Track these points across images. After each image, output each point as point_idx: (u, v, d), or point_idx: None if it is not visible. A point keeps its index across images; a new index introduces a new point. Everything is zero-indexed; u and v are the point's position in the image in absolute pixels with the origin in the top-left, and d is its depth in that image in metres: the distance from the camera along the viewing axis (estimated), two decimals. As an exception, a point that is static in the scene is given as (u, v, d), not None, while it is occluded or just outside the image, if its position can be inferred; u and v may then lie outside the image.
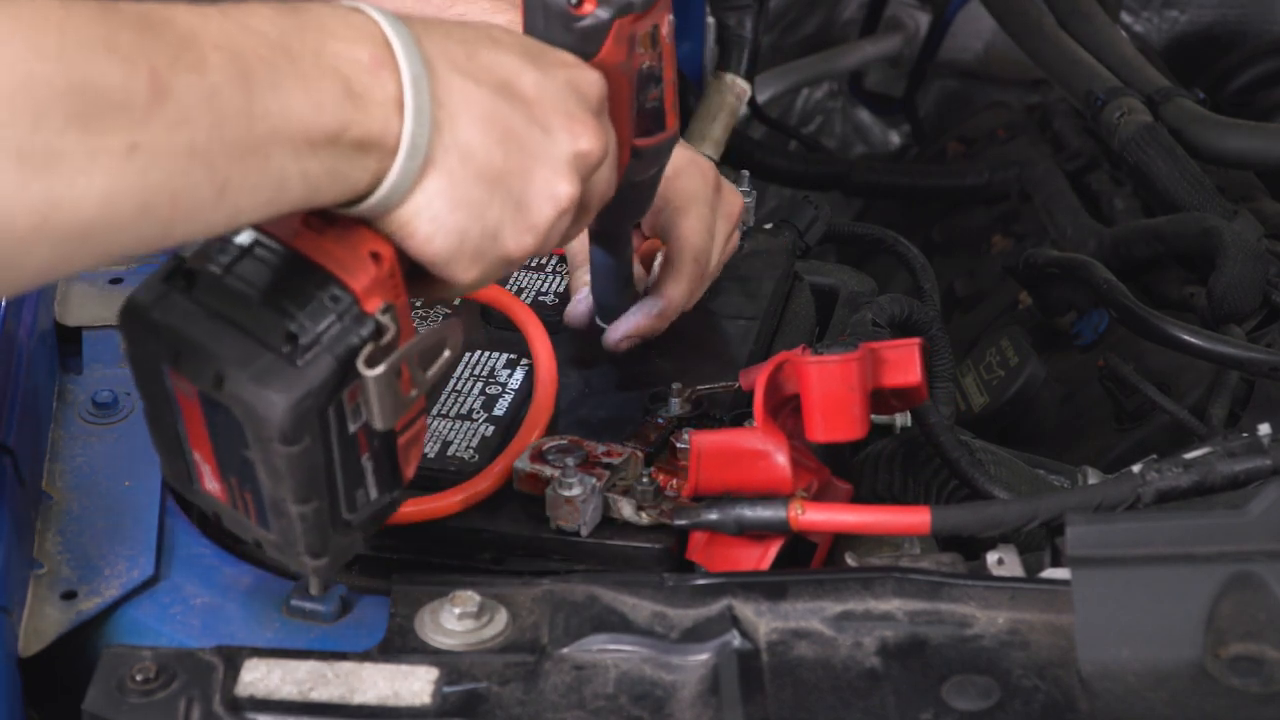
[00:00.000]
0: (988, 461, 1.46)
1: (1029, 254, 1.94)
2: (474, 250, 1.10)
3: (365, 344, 1.06)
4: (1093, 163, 2.21)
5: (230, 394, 1.03)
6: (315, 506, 1.08)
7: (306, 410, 1.04)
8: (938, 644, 1.15)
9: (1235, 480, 1.23)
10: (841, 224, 1.76)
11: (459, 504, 1.29)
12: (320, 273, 1.06)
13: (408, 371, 1.08)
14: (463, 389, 1.42)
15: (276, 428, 1.03)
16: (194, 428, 1.08)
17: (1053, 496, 1.24)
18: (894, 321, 1.50)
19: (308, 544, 1.10)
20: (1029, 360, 1.94)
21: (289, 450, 1.04)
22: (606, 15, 1.19)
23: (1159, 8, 2.68)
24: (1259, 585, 1.11)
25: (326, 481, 1.08)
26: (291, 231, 1.06)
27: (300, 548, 1.10)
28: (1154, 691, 1.09)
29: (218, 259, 1.06)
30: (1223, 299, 1.75)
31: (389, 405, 1.07)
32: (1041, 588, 1.18)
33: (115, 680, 1.11)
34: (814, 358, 1.27)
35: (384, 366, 1.06)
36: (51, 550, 1.23)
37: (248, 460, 1.07)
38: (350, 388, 1.06)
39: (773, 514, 1.25)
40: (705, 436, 1.28)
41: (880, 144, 2.91)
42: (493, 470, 1.31)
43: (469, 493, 1.30)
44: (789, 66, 2.77)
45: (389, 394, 1.07)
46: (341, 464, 1.08)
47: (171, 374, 1.06)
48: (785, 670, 1.14)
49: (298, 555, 1.11)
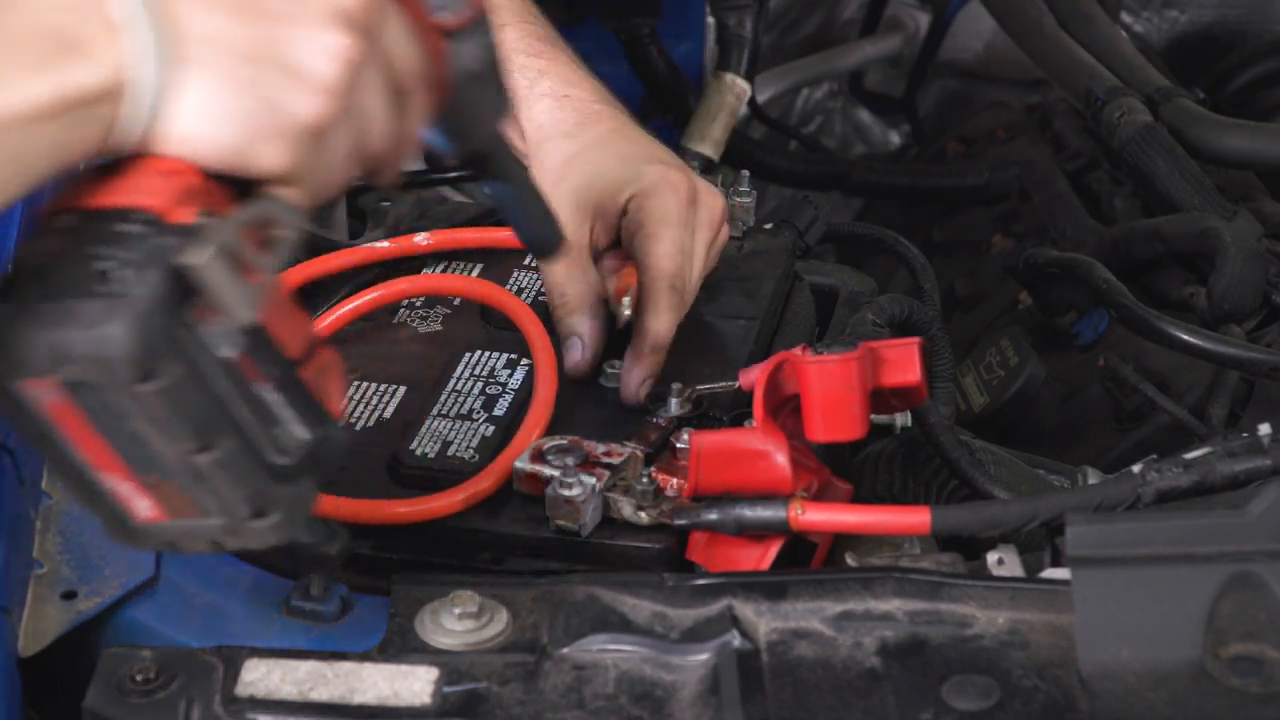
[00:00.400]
0: (988, 461, 1.46)
1: (1029, 254, 1.94)
2: (265, 129, 1.02)
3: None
4: (1093, 163, 2.21)
5: (74, 359, 0.96)
6: (224, 450, 1.00)
7: (149, 331, 0.96)
8: (938, 644, 1.15)
9: (1235, 480, 1.23)
10: (841, 224, 1.76)
11: (460, 503, 1.29)
12: (116, 212, 0.99)
13: (246, 259, 1.00)
14: (462, 389, 1.42)
15: (126, 362, 0.96)
16: (80, 436, 1.00)
17: (1053, 496, 1.24)
18: (894, 321, 1.50)
19: (243, 499, 1.02)
20: (1029, 360, 1.94)
21: (154, 386, 0.97)
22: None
23: (1159, 8, 2.68)
24: (1259, 585, 1.11)
25: (223, 419, 1.00)
26: (77, 194, 1.01)
27: (239, 510, 1.02)
28: (1154, 691, 1.09)
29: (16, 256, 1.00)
30: (1222, 299, 1.75)
31: (237, 294, 0.99)
32: (1041, 588, 1.18)
33: (115, 680, 1.10)
34: (813, 357, 1.27)
35: (208, 251, 0.97)
36: (51, 550, 1.23)
37: (137, 435, 1.00)
38: (195, 305, 0.99)
39: (773, 514, 1.25)
40: (705, 437, 1.28)
41: (880, 144, 2.91)
42: (494, 469, 1.31)
43: (470, 492, 1.29)
44: (789, 66, 2.77)
45: (230, 282, 0.99)
46: (233, 396, 1.01)
47: (22, 386, 0.99)
48: (785, 670, 1.14)
49: (242, 522, 1.03)
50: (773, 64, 2.74)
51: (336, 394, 1.08)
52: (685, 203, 1.44)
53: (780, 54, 2.79)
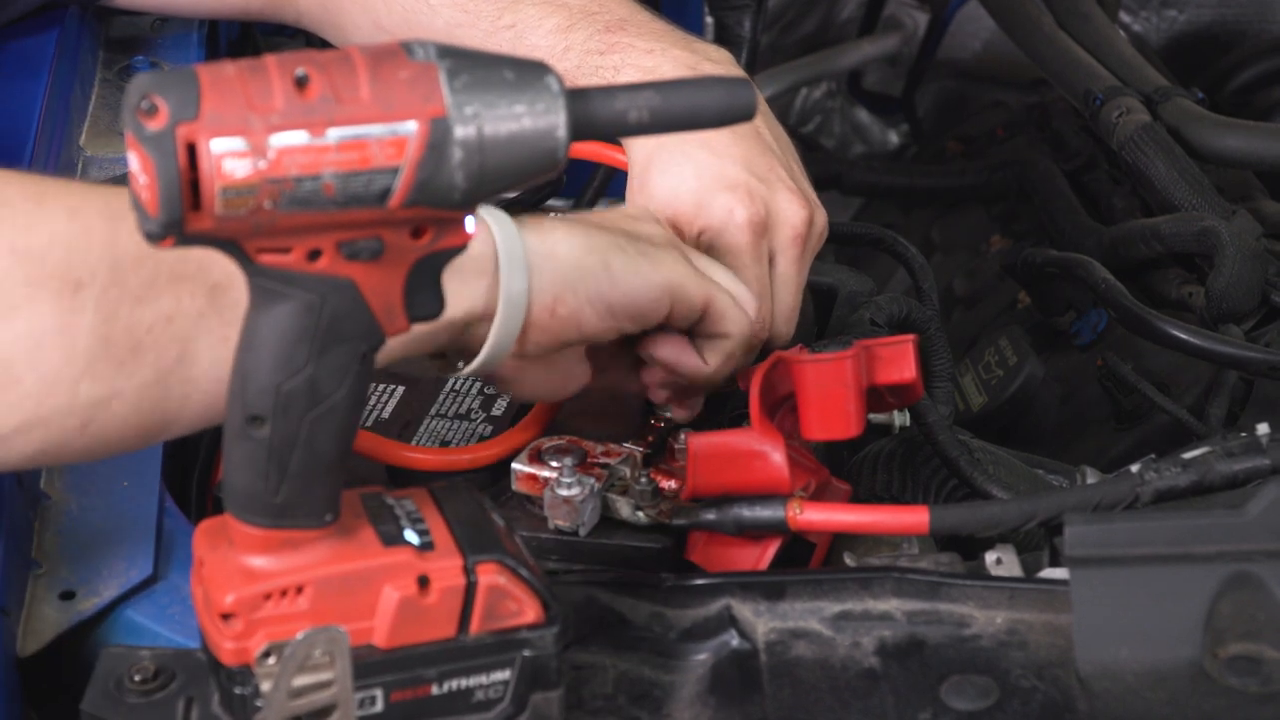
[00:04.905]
0: (986, 461, 1.46)
1: (1027, 253, 1.94)
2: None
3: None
4: (1091, 162, 2.21)
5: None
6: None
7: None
8: (936, 644, 1.15)
9: (1234, 480, 1.23)
10: (840, 224, 1.76)
11: (466, 463, 1.33)
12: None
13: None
14: (461, 389, 1.42)
15: None
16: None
17: (1051, 496, 1.24)
18: (892, 321, 1.50)
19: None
20: (1028, 360, 1.94)
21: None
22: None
23: (1157, 7, 2.68)
24: (1257, 585, 1.11)
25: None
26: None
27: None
28: (1152, 691, 1.09)
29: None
30: (1221, 298, 1.75)
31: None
32: (1040, 587, 1.18)
33: (113, 680, 1.11)
34: (808, 356, 1.27)
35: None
36: (50, 550, 1.23)
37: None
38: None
39: (771, 514, 1.25)
40: (701, 438, 1.28)
41: (879, 143, 2.91)
42: (506, 438, 1.34)
43: (477, 454, 1.34)
44: (787, 66, 2.76)
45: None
46: None
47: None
48: (783, 670, 1.14)
49: None
50: (771, 63, 2.74)
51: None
52: (757, 235, 1.38)
53: (779, 53, 2.79)
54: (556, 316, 1.22)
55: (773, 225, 1.39)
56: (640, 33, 1.48)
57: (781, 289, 1.40)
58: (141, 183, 0.93)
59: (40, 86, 1.60)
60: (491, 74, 0.96)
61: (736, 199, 1.37)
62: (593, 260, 1.24)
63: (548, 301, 1.21)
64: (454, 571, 1.05)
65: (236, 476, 1.03)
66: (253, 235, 0.96)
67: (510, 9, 1.51)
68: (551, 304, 1.22)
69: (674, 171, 1.40)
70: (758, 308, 1.33)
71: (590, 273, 1.23)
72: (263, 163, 0.93)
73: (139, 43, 1.80)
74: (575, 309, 1.23)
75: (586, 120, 0.98)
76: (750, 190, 1.38)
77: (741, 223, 1.37)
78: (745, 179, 1.38)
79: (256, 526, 1.03)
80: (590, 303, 1.23)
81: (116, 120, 1.67)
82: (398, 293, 1.00)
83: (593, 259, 1.24)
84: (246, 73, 0.94)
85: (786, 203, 1.39)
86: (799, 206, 1.40)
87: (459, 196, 0.96)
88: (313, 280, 0.98)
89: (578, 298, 1.23)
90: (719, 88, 1.02)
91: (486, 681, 1.06)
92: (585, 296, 1.23)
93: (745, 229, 1.37)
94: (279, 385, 1.00)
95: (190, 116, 0.92)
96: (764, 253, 1.38)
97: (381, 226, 0.97)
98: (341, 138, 0.94)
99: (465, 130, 0.95)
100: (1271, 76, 2.45)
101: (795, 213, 1.39)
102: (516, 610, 1.06)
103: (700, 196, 1.38)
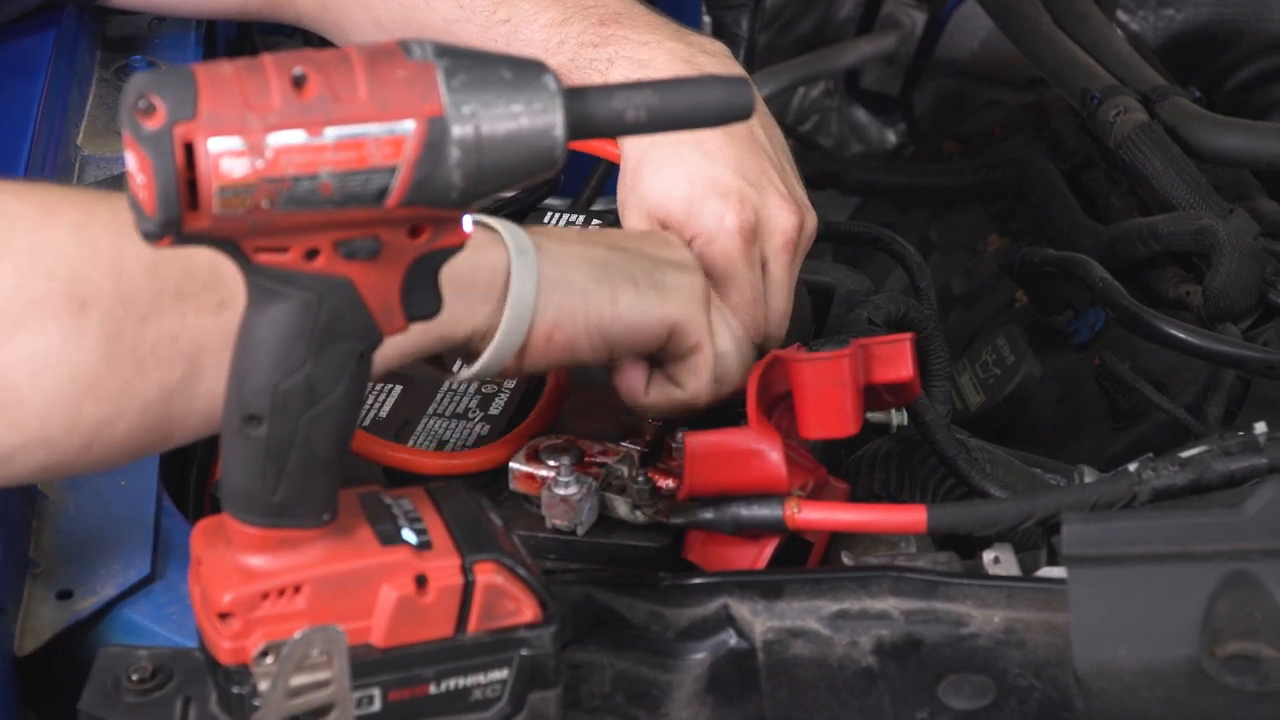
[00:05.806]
0: (984, 460, 1.46)
1: (1025, 252, 1.94)
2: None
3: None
4: (1089, 161, 2.21)
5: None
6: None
7: None
8: (934, 643, 1.15)
9: (1231, 479, 1.23)
10: (838, 223, 1.76)
11: (474, 465, 1.33)
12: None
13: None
14: (459, 388, 1.42)
15: None
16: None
17: (1049, 495, 1.24)
18: (890, 320, 1.50)
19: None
20: (1025, 359, 1.94)
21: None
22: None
23: (1155, 6, 2.68)
24: (1255, 584, 1.11)
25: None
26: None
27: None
28: (1150, 690, 1.09)
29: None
30: (1219, 297, 1.75)
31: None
32: (1037, 586, 1.18)
33: (111, 680, 1.11)
34: (805, 355, 1.27)
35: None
36: (48, 549, 1.23)
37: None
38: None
39: (769, 513, 1.25)
40: (699, 437, 1.28)
41: (876, 142, 2.91)
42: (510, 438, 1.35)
43: (484, 457, 1.33)
44: (785, 65, 2.76)
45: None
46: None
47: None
48: (781, 669, 1.14)
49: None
50: (769, 63, 2.74)
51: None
52: (748, 242, 1.37)
53: (776, 53, 2.78)
54: (552, 343, 1.23)
55: (763, 231, 1.38)
56: (635, 25, 1.48)
57: (773, 294, 1.40)
58: (139, 182, 0.93)
59: (38, 86, 1.60)
60: (489, 73, 0.96)
61: (728, 205, 1.36)
62: (601, 292, 1.24)
63: (546, 328, 1.22)
64: (452, 571, 1.05)
65: (234, 476, 1.03)
66: (250, 234, 0.96)
67: (506, 3, 1.52)
68: (550, 330, 1.22)
69: (666, 172, 1.39)
70: (735, 380, 1.32)
71: (595, 304, 1.24)
72: (260, 162, 0.93)
73: (136, 42, 1.80)
74: (572, 337, 1.23)
75: (584, 119, 0.98)
76: (741, 196, 1.37)
77: (732, 230, 1.36)
78: (737, 184, 1.37)
79: (254, 526, 1.04)
80: (588, 333, 1.24)
81: (114, 120, 1.67)
82: (395, 292, 1.00)
83: (601, 290, 1.24)
84: (244, 72, 0.94)
85: (777, 209, 1.39)
86: (789, 213, 1.39)
87: (456, 196, 0.96)
88: (310, 279, 0.98)
89: (576, 327, 1.23)
90: (717, 87, 1.02)
91: (484, 681, 1.06)
92: (584, 327, 1.23)
93: (736, 236, 1.36)
94: (276, 384, 1.00)
95: (188, 116, 0.92)
96: (756, 259, 1.38)
97: (379, 226, 0.97)
98: (339, 137, 0.94)
99: (463, 129, 0.95)
100: (1269, 75, 2.45)
101: (786, 219, 1.39)
102: (514, 609, 1.06)
103: (692, 202, 1.37)
